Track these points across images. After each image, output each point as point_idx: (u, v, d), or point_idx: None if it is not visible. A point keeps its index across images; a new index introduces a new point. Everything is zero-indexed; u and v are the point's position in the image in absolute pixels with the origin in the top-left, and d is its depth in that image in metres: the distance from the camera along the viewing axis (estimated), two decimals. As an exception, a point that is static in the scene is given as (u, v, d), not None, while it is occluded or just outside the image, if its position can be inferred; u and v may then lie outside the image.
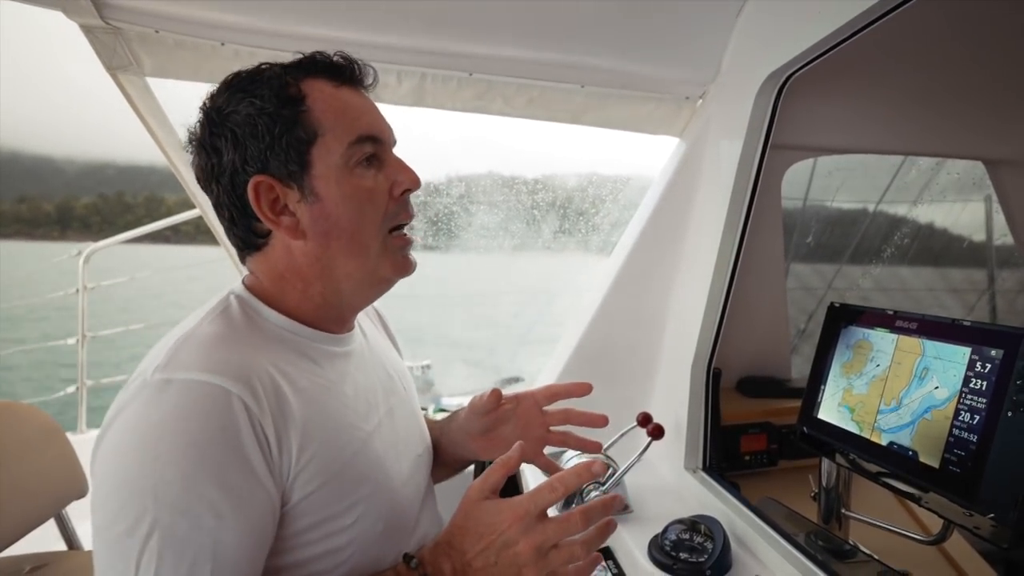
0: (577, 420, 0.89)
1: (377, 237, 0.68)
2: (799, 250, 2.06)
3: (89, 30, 1.04)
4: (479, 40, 1.18)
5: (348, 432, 0.67)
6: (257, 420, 0.56)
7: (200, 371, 0.55)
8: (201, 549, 0.52)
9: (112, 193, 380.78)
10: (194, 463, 0.52)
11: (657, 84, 1.32)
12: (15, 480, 1.20)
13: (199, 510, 0.52)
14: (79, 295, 2.40)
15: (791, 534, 0.99)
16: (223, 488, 0.53)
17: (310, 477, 0.60)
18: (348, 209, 0.66)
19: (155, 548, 0.50)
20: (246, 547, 0.55)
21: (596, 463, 0.61)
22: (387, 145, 0.71)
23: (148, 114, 1.18)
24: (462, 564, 0.60)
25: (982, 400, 0.78)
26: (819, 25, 0.88)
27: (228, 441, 0.54)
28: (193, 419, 0.53)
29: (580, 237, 2.09)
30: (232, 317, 0.65)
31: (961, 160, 1.79)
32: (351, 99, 0.68)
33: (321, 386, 0.66)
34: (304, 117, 0.64)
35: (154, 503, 0.51)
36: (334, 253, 0.67)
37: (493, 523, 0.59)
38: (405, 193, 0.71)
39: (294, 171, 0.64)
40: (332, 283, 0.69)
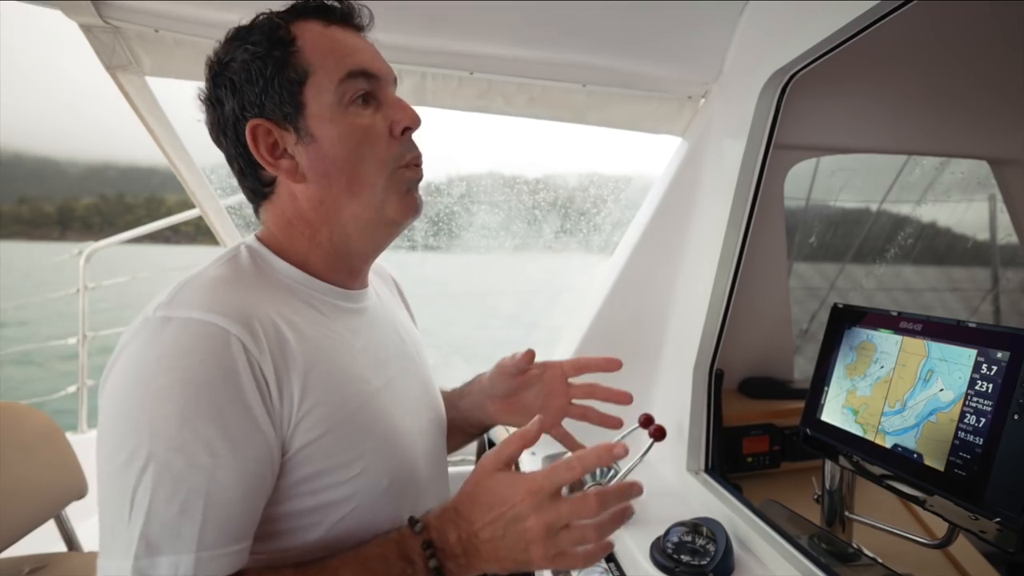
0: (602, 395, 0.88)
1: (381, 175, 0.67)
2: (802, 250, 2.05)
3: (88, 29, 1.04)
4: (480, 39, 1.18)
5: (355, 384, 0.66)
6: (256, 362, 0.56)
7: (200, 310, 0.55)
8: (195, 486, 0.52)
9: (113, 194, 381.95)
10: (190, 400, 0.52)
11: (659, 83, 1.31)
12: (15, 481, 1.20)
13: (194, 447, 0.52)
14: (80, 295, 2.40)
15: (794, 537, 0.98)
16: (219, 426, 0.53)
17: (312, 424, 0.60)
18: (345, 148, 0.65)
19: (149, 481, 0.51)
20: (241, 488, 0.54)
21: (618, 445, 0.59)
22: (384, 82, 0.69)
23: (148, 113, 1.18)
24: (469, 533, 0.59)
25: (988, 403, 0.77)
26: (823, 24, 0.87)
27: (225, 380, 0.54)
28: (190, 356, 0.53)
29: (582, 237, 2.08)
30: (240, 264, 0.66)
31: (965, 160, 1.78)
32: (342, 37, 0.67)
33: (328, 336, 0.66)
34: (294, 57, 0.64)
35: (150, 437, 0.51)
36: (336, 194, 0.67)
37: (505, 495, 0.58)
38: (406, 132, 0.69)
39: (289, 113, 0.65)
40: (338, 226, 0.68)
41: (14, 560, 1.23)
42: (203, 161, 1.33)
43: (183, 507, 0.51)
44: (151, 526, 0.51)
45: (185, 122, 1.25)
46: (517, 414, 0.91)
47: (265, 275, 0.66)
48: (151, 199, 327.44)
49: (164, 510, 0.51)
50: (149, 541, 0.50)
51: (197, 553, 0.51)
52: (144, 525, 0.50)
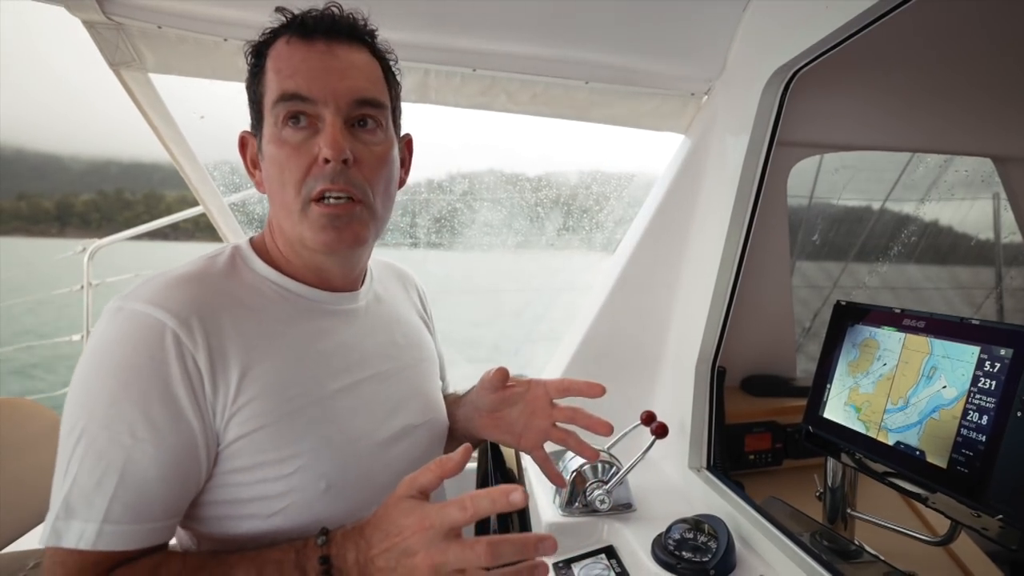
0: (583, 422, 0.83)
1: (295, 203, 0.66)
2: (805, 248, 2.05)
3: (91, 26, 1.04)
4: (483, 36, 1.17)
5: (302, 384, 0.67)
6: (189, 354, 0.59)
7: (145, 303, 0.60)
8: (112, 461, 0.56)
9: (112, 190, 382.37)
10: (120, 384, 0.57)
11: (662, 80, 1.31)
12: (19, 476, 1.21)
13: (118, 427, 0.56)
14: (84, 292, 2.41)
15: (796, 534, 0.98)
16: (143, 411, 0.57)
17: (246, 419, 0.62)
18: (272, 171, 0.67)
19: (80, 453, 0.56)
20: (157, 470, 0.58)
21: (517, 490, 0.53)
22: (325, 105, 0.64)
23: (151, 110, 1.18)
24: (366, 558, 0.56)
25: (991, 400, 0.77)
26: (826, 20, 0.87)
27: (154, 369, 0.58)
28: (127, 344, 0.58)
29: (584, 234, 2.08)
30: (215, 263, 0.69)
31: (970, 157, 1.77)
32: (293, 55, 0.65)
33: (283, 335, 0.68)
34: (261, 77, 0.67)
35: (86, 414, 0.57)
36: (276, 211, 0.70)
37: (402, 525, 0.55)
38: (327, 163, 0.64)
39: (257, 129, 0.69)
40: (287, 239, 0.71)
41: (19, 555, 1.23)
42: (206, 158, 1.34)
43: (100, 480, 0.56)
44: (72, 492, 0.56)
45: (189, 119, 1.25)
46: (502, 430, 0.88)
47: (238, 274, 0.70)
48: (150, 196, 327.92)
49: (85, 480, 0.56)
50: (68, 505, 0.56)
51: (101, 524, 0.56)
52: (68, 491, 0.56)
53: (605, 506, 1.11)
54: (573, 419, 0.84)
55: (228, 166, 1.46)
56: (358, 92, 0.66)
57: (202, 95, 1.26)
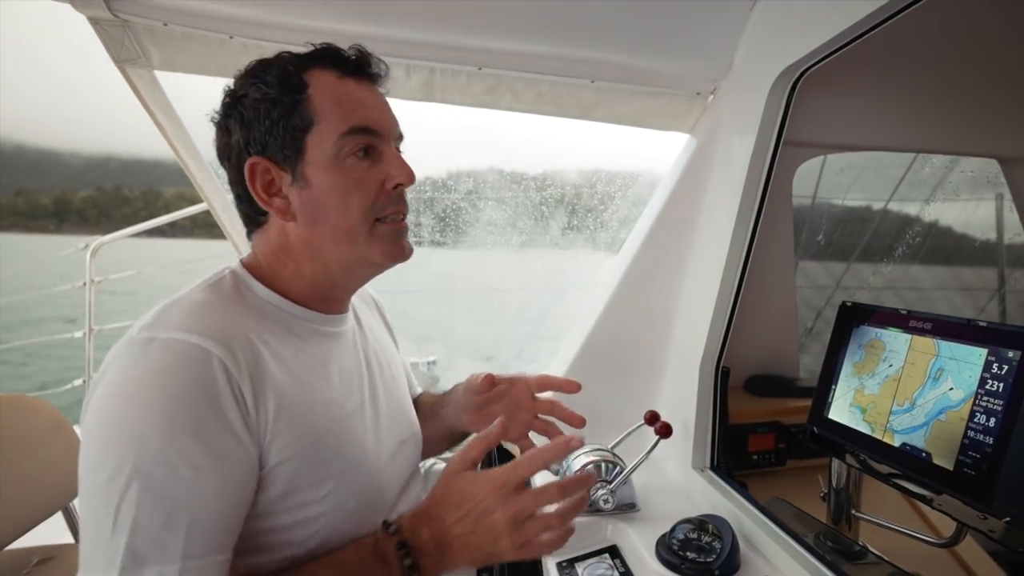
0: (559, 414, 0.96)
1: (364, 226, 0.70)
2: (808, 248, 2.05)
3: (97, 22, 1.04)
4: (489, 34, 1.17)
5: (325, 408, 0.69)
6: (235, 381, 0.58)
7: (182, 331, 0.58)
8: (178, 498, 0.54)
9: (110, 187, 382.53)
10: (173, 416, 0.54)
11: (668, 79, 1.30)
12: (23, 473, 1.21)
13: (177, 461, 0.54)
14: (86, 288, 2.41)
15: (800, 534, 0.98)
16: (201, 441, 0.55)
17: (284, 444, 0.62)
18: (334, 198, 0.68)
19: (134, 496, 0.52)
20: (222, 500, 0.56)
21: (574, 439, 0.64)
22: (386, 138, 0.72)
23: (156, 108, 1.18)
24: (440, 531, 0.62)
25: (999, 402, 0.77)
26: (834, 20, 0.87)
27: (207, 397, 0.56)
28: (173, 374, 0.55)
29: (588, 234, 2.08)
30: (222, 288, 0.69)
31: (976, 158, 1.77)
32: (352, 91, 0.70)
33: (303, 360, 0.69)
34: (303, 105, 0.67)
35: (134, 453, 0.53)
36: (322, 238, 0.70)
37: (472, 492, 0.62)
38: (398, 187, 0.72)
39: (289, 155, 0.67)
40: (321, 265, 0.71)
41: (22, 551, 1.24)
42: (211, 156, 1.33)
43: (167, 520, 0.53)
44: (136, 538, 0.52)
45: (193, 117, 1.25)
46: (488, 424, 0.95)
47: (246, 300, 0.69)
48: (148, 193, 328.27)
49: (149, 523, 0.52)
50: (135, 553, 0.52)
51: (183, 563, 0.53)
52: (129, 538, 0.52)
53: (609, 506, 1.11)
54: (551, 411, 0.97)
55: (232, 164, 1.46)
56: (399, 127, 0.75)
57: (207, 92, 1.26)
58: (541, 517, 0.63)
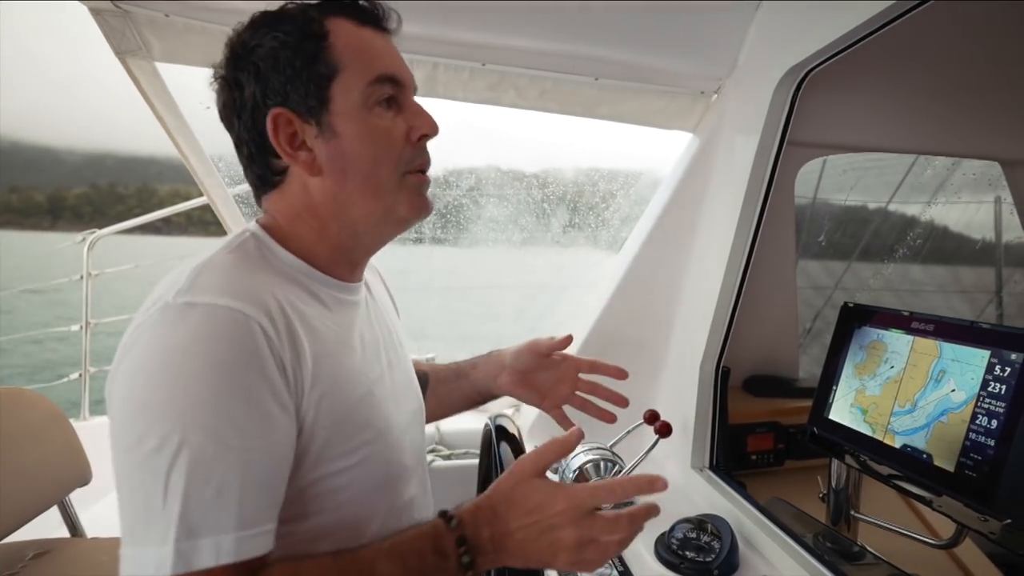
0: (603, 395, 0.99)
1: (393, 177, 0.68)
2: (809, 248, 2.05)
3: (98, 13, 1.03)
4: (492, 30, 1.17)
5: (355, 377, 0.67)
6: (275, 347, 0.57)
7: (222, 296, 0.56)
8: (229, 467, 0.52)
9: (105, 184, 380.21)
10: (220, 383, 0.53)
11: (672, 78, 1.30)
12: (19, 467, 1.20)
13: (226, 429, 0.52)
14: (83, 282, 2.40)
15: (799, 535, 0.98)
16: (248, 408, 0.54)
17: (319, 413, 0.61)
18: (364, 147, 0.66)
19: (184, 465, 0.51)
20: (270, 467, 0.56)
21: (659, 479, 0.63)
22: (407, 89, 0.70)
23: (157, 100, 1.17)
24: (503, 532, 0.60)
25: (1001, 404, 0.77)
26: (840, 21, 0.87)
27: (253, 363, 0.55)
28: (219, 341, 0.54)
29: (589, 232, 2.08)
30: (247, 251, 0.66)
31: (978, 160, 1.77)
32: (374, 39, 0.68)
33: (331, 328, 0.67)
34: (326, 53, 0.65)
35: (181, 422, 0.51)
36: (350, 191, 0.67)
37: (544, 503, 0.60)
38: (423, 138, 0.71)
39: (313, 106, 0.65)
40: (348, 222, 0.69)
41: (18, 545, 1.23)
42: (211, 149, 1.33)
43: (220, 488, 0.52)
44: (189, 509, 0.51)
45: (194, 109, 1.24)
46: (528, 388, 0.99)
47: (270, 263, 0.67)
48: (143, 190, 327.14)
49: (201, 493, 0.51)
50: (189, 524, 0.51)
51: (237, 533, 0.52)
52: (182, 509, 0.50)
53: (608, 505, 1.11)
54: (594, 391, 1.00)
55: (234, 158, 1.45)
56: (414, 80, 0.73)
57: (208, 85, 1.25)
58: (603, 543, 0.61)
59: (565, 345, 0.98)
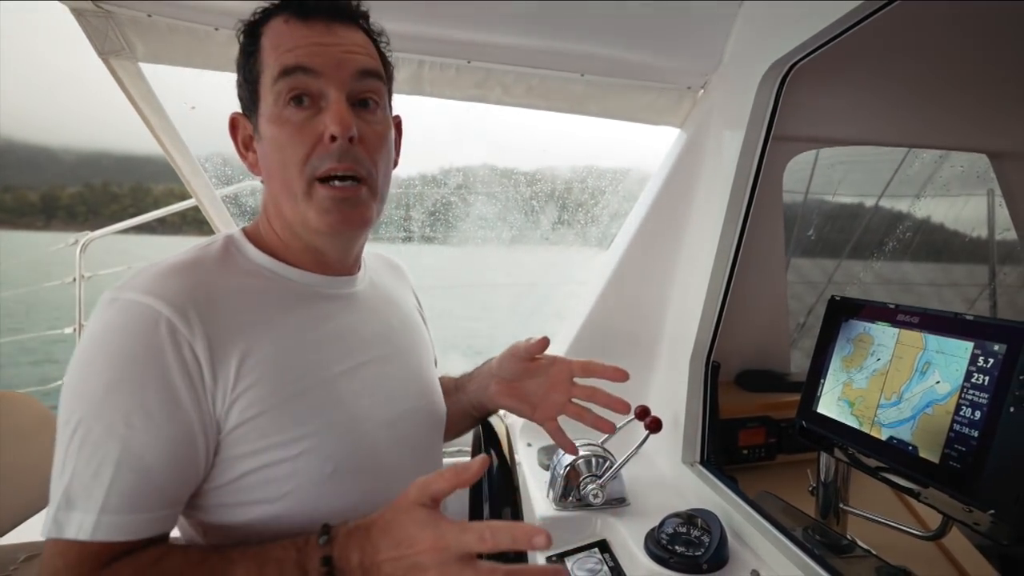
0: (602, 401, 0.86)
1: (300, 183, 0.65)
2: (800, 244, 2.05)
3: (80, 14, 1.02)
4: (478, 27, 1.16)
5: (302, 368, 0.67)
6: (186, 342, 0.59)
7: (140, 292, 0.59)
8: (108, 452, 0.56)
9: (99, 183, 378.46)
10: (115, 373, 0.57)
11: (658, 73, 1.30)
12: (9, 469, 1.20)
13: (113, 417, 0.56)
14: (76, 284, 2.39)
15: (788, 528, 0.98)
16: (138, 400, 0.57)
17: (248, 404, 0.62)
18: (272, 150, 0.66)
19: (76, 443, 0.56)
20: (153, 461, 0.58)
21: (540, 533, 0.51)
22: (328, 79, 0.64)
23: (141, 100, 1.16)
24: (372, 562, 0.56)
25: (984, 395, 0.77)
26: (823, 14, 0.87)
27: (150, 358, 0.58)
28: (120, 333, 0.58)
29: (579, 229, 2.07)
30: (209, 251, 0.69)
31: (965, 153, 1.77)
32: (294, 31, 0.64)
33: (281, 321, 0.68)
34: (256, 56, 0.66)
35: (81, 404, 0.57)
36: (275, 193, 0.69)
37: (414, 538, 0.54)
38: (334, 141, 0.64)
39: (251, 109, 0.68)
40: (285, 224, 0.70)
41: (8, 548, 1.23)
42: (198, 150, 1.32)
43: (96, 470, 0.56)
44: (72, 483, 0.56)
45: (180, 110, 1.23)
46: (517, 399, 0.91)
47: (233, 262, 0.69)
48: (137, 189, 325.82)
49: (83, 470, 0.56)
50: (68, 496, 0.56)
51: (99, 515, 0.55)
52: (68, 482, 0.56)
53: (599, 500, 1.11)
54: (592, 397, 0.87)
55: (220, 158, 1.45)
56: (360, 64, 0.67)
57: (193, 85, 1.24)
58: None
59: (543, 347, 0.87)
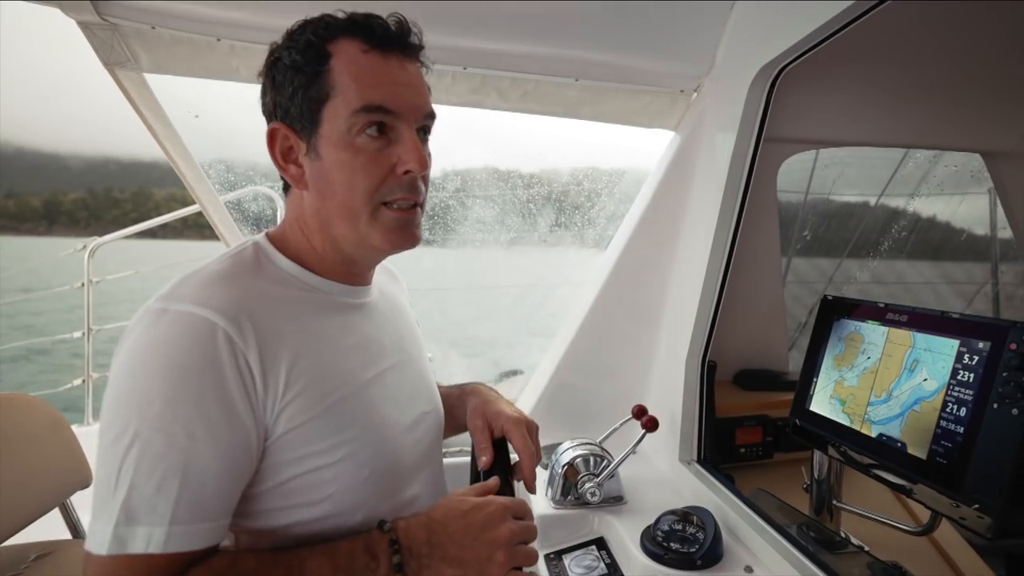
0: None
1: (366, 207, 0.69)
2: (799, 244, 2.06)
3: (86, 27, 1.05)
4: (473, 34, 1.18)
5: (340, 376, 0.70)
6: (241, 353, 0.60)
7: (192, 303, 0.60)
8: (172, 464, 0.56)
9: (101, 188, 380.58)
10: (174, 385, 0.57)
11: (652, 77, 1.32)
12: (21, 470, 1.23)
13: (174, 428, 0.56)
14: (85, 289, 2.43)
15: (783, 525, 0.99)
16: (199, 412, 0.57)
17: (295, 412, 0.64)
18: (341, 175, 0.68)
19: (133, 458, 0.56)
20: (215, 469, 0.59)
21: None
22: (404, 118, 0.69)
23: (146, 110, 1.19)
24: (440, 535, 0.65)
25: (969, 392, 0.79)
26: (812, 17, 0.88)
27: (209, 369, 0.58)
28: (179, 345, 0.58)
29: (576, 231, 2.09)
30: (243, 259, 0.70)
31: (959, 152, 1.78)
32: (375, 65, 0.67)
33: (320, 330, 0.70)
34: (324, 76, 0.66)
35: (137, 417, 0.56)
36: (328, 212, 0.70)
37: (478, 504, 0.67)
38: (408, 174, 0.69)
39: (306, 126, 0.68)
40: (329, 238, 0.72)
41: (20, 547, 1.25)
42: (202, 157, 1.35)
43: (160, 483, 0.56)
44: (131, 498, 0.55)
45: (184, 118, 1.26)
46: None
47: (265, 271, 0.70)
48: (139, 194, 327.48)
49: (144, 484, 0.56)
50: (129, 511, 0.55)
51: (169, 527, 0.56)
52: (126, 497, 0.55)
53: (596, 499, 1.13)
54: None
55: (223, 165, 1.47)
56: (428, 107, 0.72)
57: (197, 94, 1.27)
58: (525, 550, 0.68)
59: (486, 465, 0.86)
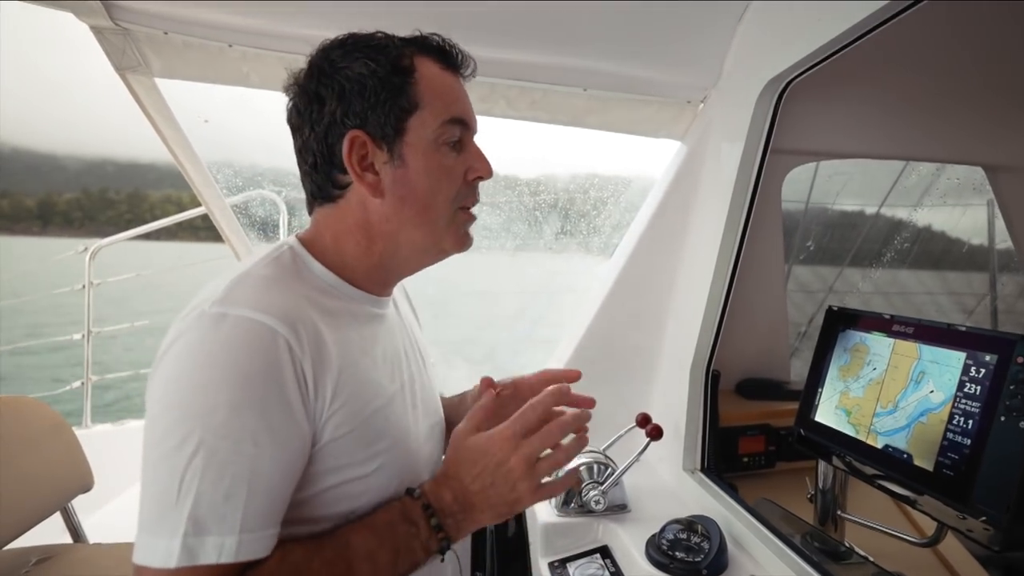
0: (569, 400, 0.89)
1: (446, 212, 0.73)
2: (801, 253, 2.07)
3: (99, 31, 1.06)
4: (482, 43, 1.19)
5: (374, 388, 0.70)
6: (299, 361, 0.60)
7: (252, 309, 0.59)
8: (239, 472, 0.56)
9: (95, 189, 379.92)
10: (240, 393, 0.56)
11: (659, 87, 1.33)
12: (22, 474, 1.22)
13: (240, 436, 0.56)
14: (85, 291, 2.42)
15: (787, 535, 0.99)
16: (264, 419, 0.57)
17: (339, 423, 0.64)
18: (426, 181, 0.71)
19: (199, 466, 0.55)
20: (278, 475, 0.59)
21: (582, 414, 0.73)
22: (472, 133, 0.77)
23: (156, 114, 1.20)
24: (461, 490, 0.67)
25: (976, 404, 0.79)
26: (820, 31, 0.89)
27: (272, 377, 0.58)
28: (243, 352, 0.57)
29: (581, 238, 2.09)
30: (283, 264, 0.70)
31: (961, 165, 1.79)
32: (452, 83, 0.74)
33: (355, 340, 0.71)
34: (410, 88, 0.69)
35: (201, 425, 0.55)
36: (404, 218, 0.72)
37: (485, 448, 0.68)
38: (477, 180, 0.76)
39: (388, 134, 0.69)
40: (394, 244, 0.74)
41: (21, 551, 1.25)
42: (209, 160, 1.35)
43: (228, 491, 0.55)
44: (199, 507, 0.54)
45: (193, 122, 1.27)
46: None
47: (304, 277, 0.71)
48: (133, 196, 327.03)
49: (211, 493, 0.55)
50: (197, 521, 0.54)
51: (240, 535, 0.56)
52: (193, 506, 0.54)
53: (600, 507, 1.13)
54: (560, 400, 0.90)
55: (231, 169, 1.48)
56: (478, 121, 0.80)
57: (206, 99, 1.28)
58: (550, 457, 0.68)
59: (486, 385, 0.89)
